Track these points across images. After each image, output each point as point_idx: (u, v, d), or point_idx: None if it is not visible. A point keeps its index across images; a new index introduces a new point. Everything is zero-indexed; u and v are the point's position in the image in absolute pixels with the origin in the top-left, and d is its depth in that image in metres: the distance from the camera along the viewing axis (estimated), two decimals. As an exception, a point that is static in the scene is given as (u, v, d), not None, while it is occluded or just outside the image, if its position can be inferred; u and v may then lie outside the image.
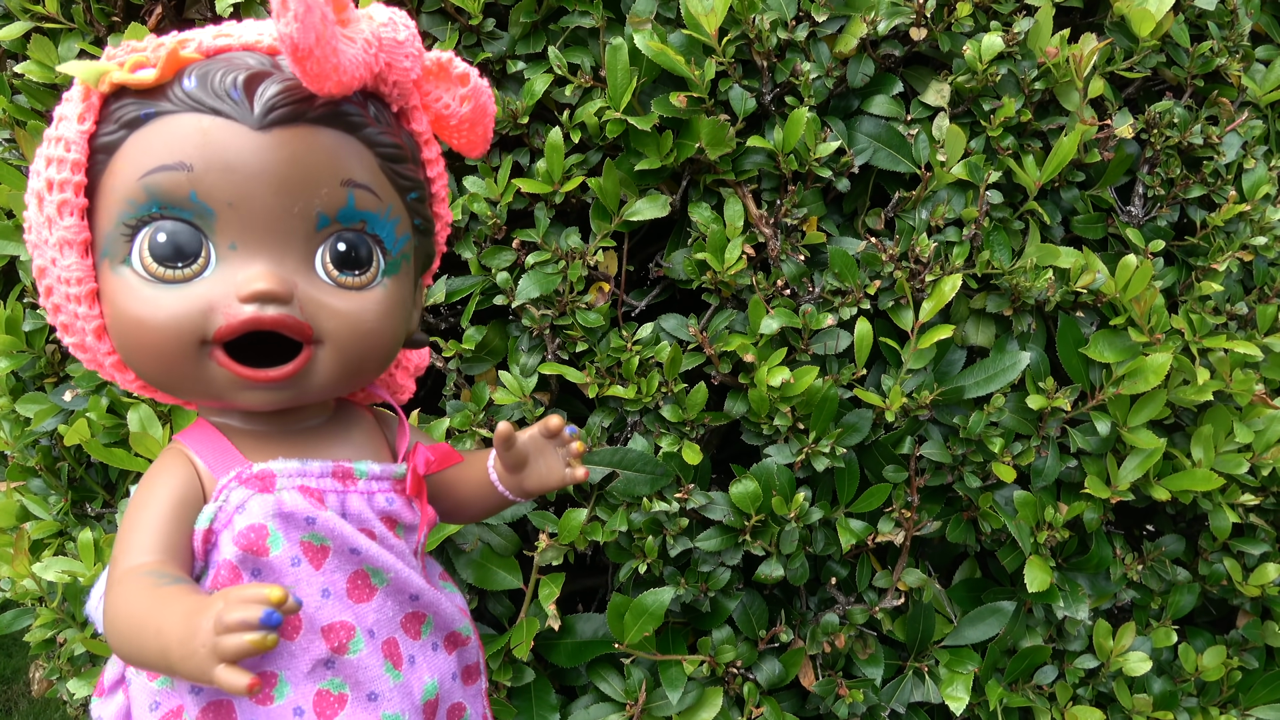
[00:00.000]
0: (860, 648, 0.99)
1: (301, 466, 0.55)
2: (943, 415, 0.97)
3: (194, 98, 0.49)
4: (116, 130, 0.50)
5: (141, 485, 0.55)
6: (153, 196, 0.49)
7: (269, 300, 0.50)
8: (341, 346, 0.53)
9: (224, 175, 0.49)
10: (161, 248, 0.50)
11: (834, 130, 0.93)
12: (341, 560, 0.56)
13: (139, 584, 0.49)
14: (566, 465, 0.64)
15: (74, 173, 0.50)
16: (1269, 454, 1.04)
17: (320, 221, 0.52)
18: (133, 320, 0.51)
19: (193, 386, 0.53)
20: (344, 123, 0.51)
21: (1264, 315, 1.07)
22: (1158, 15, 0.97)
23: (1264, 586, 1.09)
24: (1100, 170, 1.02)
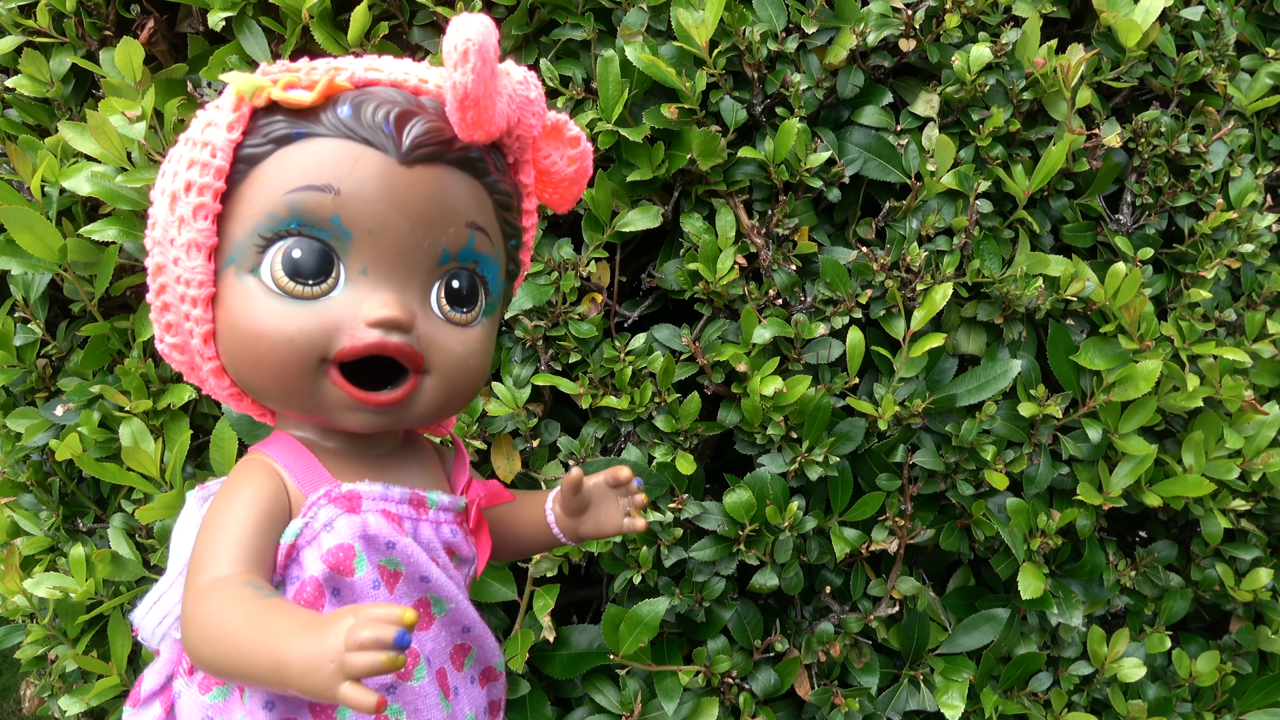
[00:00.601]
0: (855, 656, 0.99)
1: (385, 491, 0.56)
2: (935, 423, 0.97)
3: (347, 126, 0.51)
4: (264, 144, 0.52)
5: (226, 493, 0.55)
6: (295, 213, 0.51)
7: (394, 328, 0.52)
8: (445, 379, 0.55)
9: (368, 204, 0.51)
10: (296, 263, 0.51)
11: (824, 141, 0.93)
12: (410, 587, 0.57)
13: (239, 594, 0.49)
14: (626, 515, 0.66)
15: (216, 179, 0.51)
16: (1259, 459, 1.05)
17: (443, 258, 0.54)
18: (255, 330, 0.52)
19: (299, 401, 0.54)
20: (473, 168, 0.54)
21: (1252, 322, 1.08)
22: (1144, 26, 0.99)
23: (1256, 591, 1.09)
24: (1089, 179, 1.03)
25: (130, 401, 0.93)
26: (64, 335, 1.00)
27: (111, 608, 0.98)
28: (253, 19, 0.90)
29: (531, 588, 0.93)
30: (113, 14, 0.96)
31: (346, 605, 0.53)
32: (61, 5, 0.94)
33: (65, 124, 0.89)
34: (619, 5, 0.91)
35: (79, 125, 0.89)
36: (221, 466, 0.91)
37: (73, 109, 0.98)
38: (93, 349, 0.96)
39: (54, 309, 1.02)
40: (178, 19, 1.00)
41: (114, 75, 0.90)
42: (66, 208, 0.95)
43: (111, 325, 0.95)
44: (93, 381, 0.96)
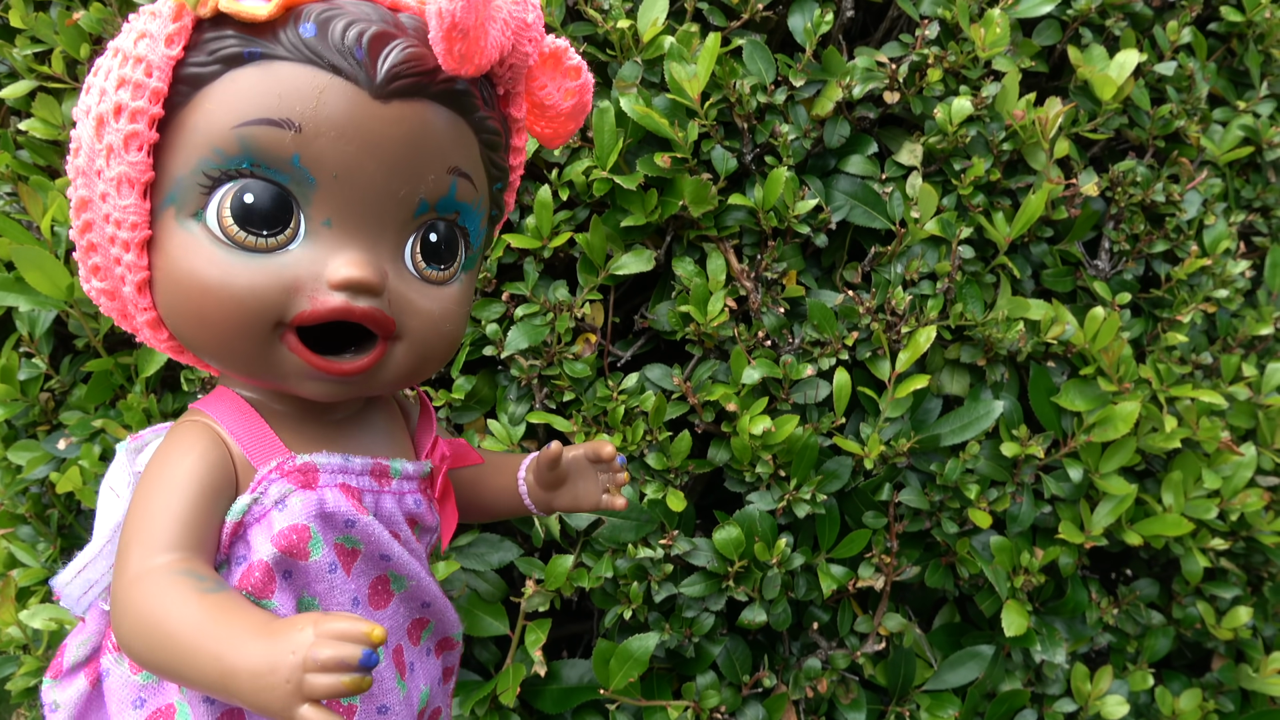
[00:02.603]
0: (843, 692, 1.00)
1: (344, 463, 0.50)
2: (920, 462, 0.99)
3: (311, 49, 0.43)
4: (210, 64, 0.43)
5: (164, 460, 0.48)
6: (247, 151, 0.43)
7: (362, 290, 0.45)
8: (417, 344, 0.48)
9: (335, 144, 0.43)
10: (247, 210, 0.43)
11: (812, 188, 0.97)
12: (369, 565, 0.52)
13: (178, 586, 0.43)
14: (605, 491, 0.61)
15: (152, 102, 0.43)
16: (1237, 499, 1.07)
17: (420, 208, 0.47)
18: (198, 284, 0.44)
19: (248, 366, 0.47)
20: (459, 103, 0.46)
21: (1228, 365, 1.11)
22: (1119, 80, 1.02)
23: (1236, 630, 1.11)
24: (1068, 226, 1.06)
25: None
26: (67, 370, 1.02)
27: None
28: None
29: (523, 622, 0.94)
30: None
31: (300, 588, 0.49)
32: (75, 52, 0.97)
33: (76, 166, 0.91)
34: (614, 58, 0.94)
35: (90, 167, 0.91)
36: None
37: (83, 150, 1.01)
38: (96, 384, 0.97)
39: (58, 344, 1.04)
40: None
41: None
42: (74, 246, 0.97)
43: (115, 360, 0.97)
44: (95, 416, 0.98)
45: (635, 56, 0.93)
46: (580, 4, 0.92)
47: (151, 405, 0.95)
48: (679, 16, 0.97)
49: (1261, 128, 1.16)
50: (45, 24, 0.99)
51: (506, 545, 0.95)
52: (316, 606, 0.50)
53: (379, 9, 0.44)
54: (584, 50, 0.93)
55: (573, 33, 0.92)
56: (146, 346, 0.96)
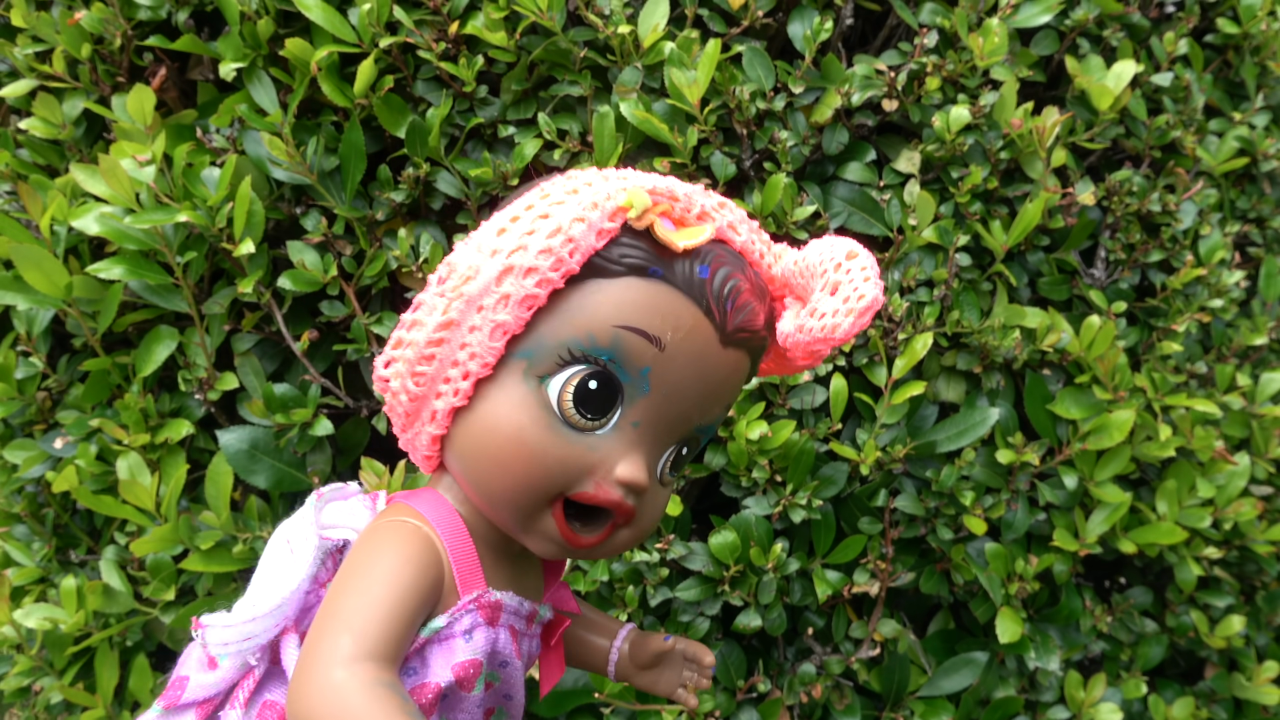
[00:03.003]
0: (837, 698, 1.00)
1: (518, 605, 0.53)
2: (916, 469, 1.00)
3: (698, 288, 0.49)
4: (617, 265, 0.48)
5: (386, 551, 0.49)
6: (613, 348, 0.48)
7: (635, 492, 0.50)
8: (637, 534, 0.53)
9: (679, 370, 0.49)
10: (588, 394, 0.48)
11: (810, 195, 0.97)
12: (491, 698, 0.54)
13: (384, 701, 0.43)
14: (681, 686, 0.64)
15: (562, 279, 0.48)
16: (1230, 508, 1.08)
17: (695, 430, 0.52)
18: (516, 439, 0.48)
19: (510, 516, 0.50)
20: (758, 354, 0.53)
21: (1222, 374, 1.11)
22: (1116, 90, 1.03)
23: (1229, 638, 1.12)
24: (1064, 235, 1.07)
25: (128, 435, 0.94)
26: (64, 369, 1.02)
27: (100, 640, 0.99)
28: (262, 70, 0.94)
29: (519, 626, 0.94)
30: (126, 61, 0.99)
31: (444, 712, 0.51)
32: (76, 52, 0.97)
33: (76, 165, 0.92)
34: (614, 63, 0.94)
35: (89, 167, 0.91)
36: (216, 501, 0.92)
37: (83, 151, 1.01)
38: (93, 383, 0.97)
39: (55, 343, 1.04)
40: (189, 67, 1.03)
41: (125, 120, 0.93)
42: (73, 246, 0.97)
43: (112, 360, 0.97)
44: (92, 415, 0.98)
45: (636, 62, 0.93)
46: (581, 9, 0.92)
47: (149, 405, 0.96)
48: (679, 22, 0.97)
49: (1257, 139, 1.17)
50: (46, 23, 0.99)
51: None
52: None
53: (743, 262, 0.51)
54: (584, 55, 0.93)
55: (574, 37, 0.93)
56: (145, 347, 0.96)
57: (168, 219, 0.88)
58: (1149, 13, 1.13)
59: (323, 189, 0.94)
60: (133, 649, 1.01)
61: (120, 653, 1.00)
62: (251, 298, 0.93)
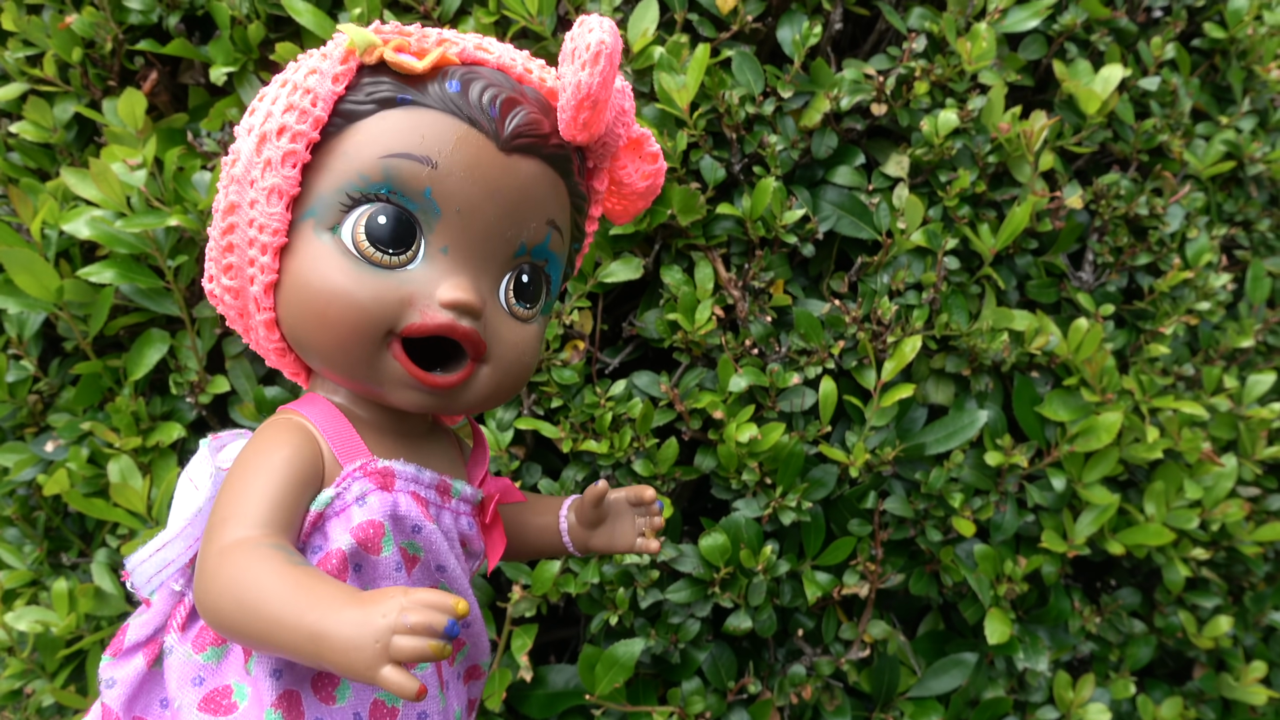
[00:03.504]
0: (827, 699, 1.01)
1: (417, 473, 0.55)
2: (905, 471, 1.00)
3: (453, 101, 0.50)
4: (366, 103, 0.50)
5: (261, 447, 0.52)
6: (388, 179, 0.50)
7: (467, 312, 0.51)
8: (500, 370, 0.54)
9: (462, 183, 0.50)
10: (380, 229, 0.50)
11: (799, 198, 0.98)
12: (425, 574, 0.55)
13: (270, 556, 0.46)
14: (640, 534, 0.65)
15: (313, 128, 0.50)
16: (1218, 510, 1.08)
17: (519, 250, 0.54)
18: (326, 289, 0.50)
19: (354, 369, 0.52)
20: (562, 166, 0.54)
21: (1209, 376, 1.12)
22: (1103, 95, 1.04)
23: (1217, 639, 1.12)
24: (1052, 238, 1.08)
25: (120, 438, 0.94)
26: (56, 372, 1.02)
27: (92, 643, 0.99)
28: (253, 73, 0.94)
29: (510, 628, 0.94)
30: (117, 65, 0.99)
31: (368, 583, 0.52)
32: (67, 56, 0.97)
33: (67, 169, 0.92)
34: (605, 67, 0.95)
35: (80, 171, 0.92)
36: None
37: (74, 155, 1.01)
38: (84, 386, 0.97)
39: (46, 346, 1.04)
40: (180, 71, 1.03)
41: (116, 124, 0.93)
42: (64, 249, 0.98)
43: (104, 363, 0.97)
44: (83, 418, 0.98)
45: (625, 66, 0.94)
46: (571, 14, 0.93)
47: (140, 408, 0.96)
48: (669, 27, 0.98)
49: (1243, 143, 1.17)
50: (38, 27, 0.99)
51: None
52: None
53: (509, 79, 0.53)
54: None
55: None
56: (136, 350, 0.97)
57: (159, 223, 0.88)
58: (1136, 17, 1.14)
59: (314, 193, 0.94)
60: (124, 652, 1.01)
61: (112, 656, 1.00)
62: (243, 301, 0.93)
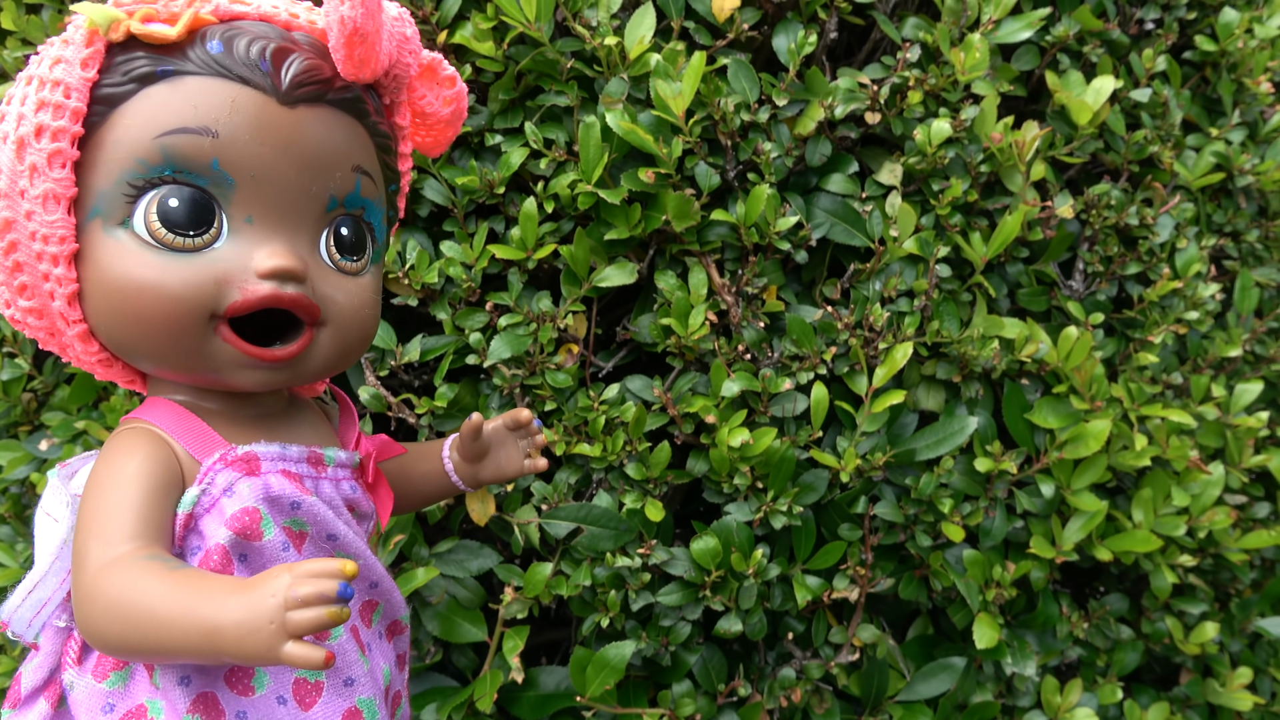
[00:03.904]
0: (817, 702, 1.01)
1: (282, 450, 0.53)
2: (895, 476, 1.01)
3: (219, 63, 0.47)
4: (125, 83, 0.47)
5: (110, 465, 0.50)
6: (169, 159, 0.47)
7: (288, 278, 0.49)
8: (340, 330, 0.52)
9: (250, 146, 0.47)
10: (174, 213, 0.47)
11: (793, 205, 0.98)
12: (317, 547, 0.54)
13: (146, 568, 0.44)
14: (527, 456, 0.65)
15: (73, 121, 0.47)
16: (1205, 517, 1.09)
17: (330, 204, 0.51)
18: (133, 286, 0.47)
19: (186, 361, 0.50)
20: (355, 109, 0.51)
21: (1198, 385, 1.13)
22: (1095, 106, 1.05)
23: (1204, 645, 1.13)
24: (1043, 247, 1.09)
25: (114, 438, 0.95)
26: (50, 371, 1.03)
27: (84, 642, 0.99)
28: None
29: (501, 629, 0.95)
30: None
31: (257, 570, 0.51)
32: (66, 55, 0.97)
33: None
34: (601, 74, 0.96)
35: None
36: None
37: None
38: (78, 385, 0.98)
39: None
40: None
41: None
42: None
43: (99, 363, 0.98)
44: (77, 417, 0.98)
45: (622, 73, 0.94)
46: (569, 20, 0.93)
47: (134, 407, 0.96)
48: (665, 34, 0.98)
49: (1233, 154, 1.19)
50: (36, 26, 0.99)
51: (486, 552, 0.96)
52: None
53: (275, 28, 0.50)
54: (571, 65, 0.94)
55: (561, 48, 0.94)
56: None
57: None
58: (1128, 29, 1.15)
59: (311, 195, 0.95)
60: (116, 651, 1.01)
61: (104, 654, 1.01)
62: (238, 302, 0.93)
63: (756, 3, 0.99)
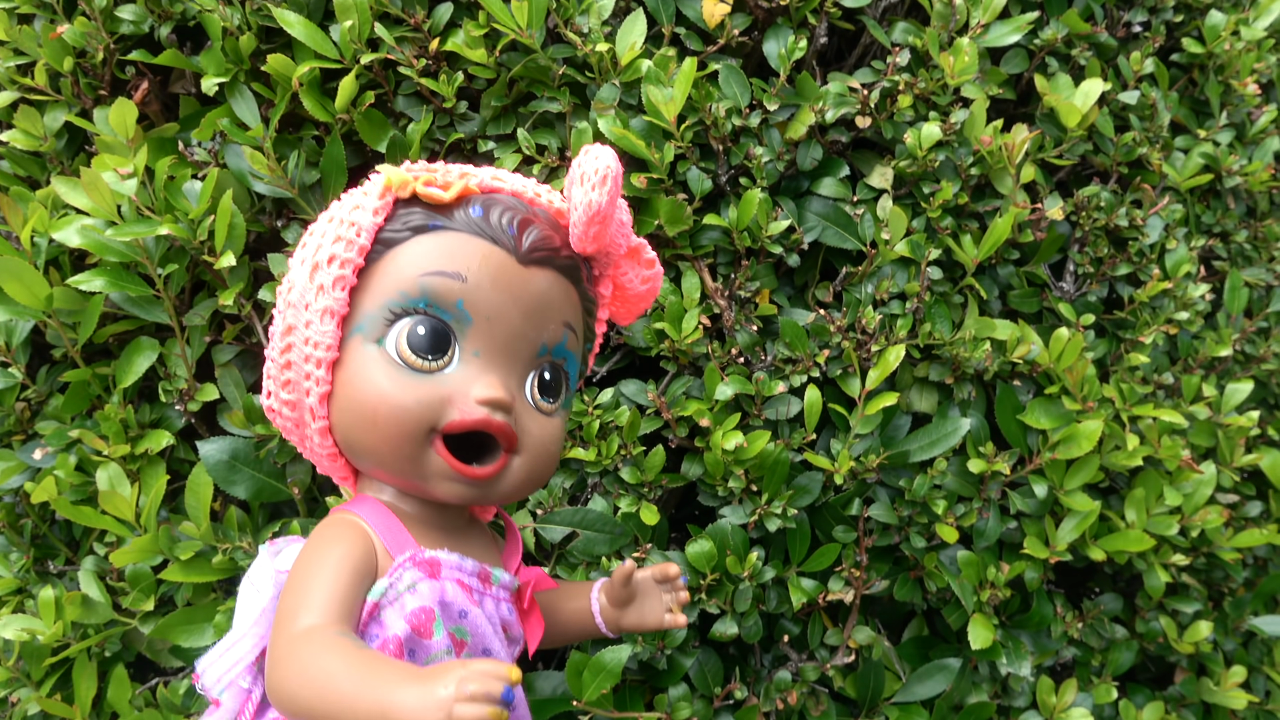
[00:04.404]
0: (813, 705, 1.02)
1: (460, 562, 0.60)
2: (889, 478, 1.01)
3: (477, 224, 0.57)
4: (402, 231, 0.57)
5: (320, 546, 0.57)
6: (425, 293, 0.56)
7: (499, 408, 0.57)
8: (531, 460, 0.60)
9: (489, 293, 0.57)
10: (420, 339, 0.56)
11: (785, 209, 0.99)
12: (472, 658, 0.57)
13: (338, 642, 0.50)
14: (668, 610, 0.70)
15: (359, 255, 0.57)
16: (1197, 516, 1.10)
17: (541, 350, 0.60)
18: (375, 394, 0.56)
19: (401, 466, 0.57)
20: (573, 274, 0.61)
21: (1188, 385, 1.14)
22: (1084, 108, 1.06)
23: (1197, 644, 1.14)
24: (1034, 249, 1.09)
25: (108, 446, 0.94)
26: (44, 379, 1.02)
27: (78, 651, 0.99)
28: (244, 84, 0.95)
29: (498, 635, 0.95)
30: (108, 74, 1.00)
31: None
32: (59, 65, 0.98)
33: (58, 178, 0.92)
34: (593, 80, 0.96)
35: (71, 180, 0.92)
36: (195, 511, 0.93)
37: (65, 164, 1.02)
38: (73, 394, 0.98)
39: (35, 354, 1.04)
40: (171, 80, 1.04)
41: (107, 133, 0.94)
42: (54, 257, 0.98)
43: (93, 371, 0.98)
44: (71, 426, 0.98)
45: (613, 79, 0.95)
46: (561, 27, 0.94)
47: (129, 416, 0.96)
48: (656, 40, 0.99)
49: (1221, 155, 1.19)
50: (29, 36, 0.99)
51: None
52: None
53: (523, 203, 0.60)
54: (563, 72, 0.95)
55: (553, 55, 0.94)
56: (125, 358, 0.97)
57: (149, 231, 0.89)
58: (1116, 33, 1.16)
59: (304, 202, 0.95)
60: (111, 660, 1.01)
61: (99, 664, 1.00)
62: (232, 310, 0.93)
63: (747, 8, 1.00)
